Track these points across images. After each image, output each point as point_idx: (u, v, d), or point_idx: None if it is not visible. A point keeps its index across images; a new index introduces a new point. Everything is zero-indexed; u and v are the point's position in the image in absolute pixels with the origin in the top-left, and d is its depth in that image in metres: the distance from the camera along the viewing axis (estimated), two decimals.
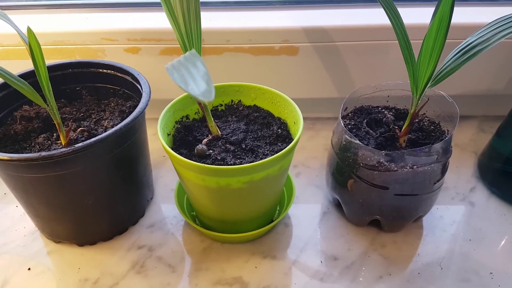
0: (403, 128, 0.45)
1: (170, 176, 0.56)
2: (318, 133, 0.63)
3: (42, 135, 0.45)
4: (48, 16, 0.60)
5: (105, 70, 0.50)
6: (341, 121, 0.45)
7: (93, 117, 0.48)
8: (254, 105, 0.49)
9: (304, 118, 0.43)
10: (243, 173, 0.39)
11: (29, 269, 0.46)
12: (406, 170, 0.42)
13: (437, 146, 0.42)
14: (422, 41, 0.39)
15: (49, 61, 0.49)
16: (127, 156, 0.45)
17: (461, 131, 0.62)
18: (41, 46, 0.38)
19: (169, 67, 0.30)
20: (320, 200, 0.53)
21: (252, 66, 0.57)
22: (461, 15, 0.54)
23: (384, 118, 0.48)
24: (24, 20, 0.58)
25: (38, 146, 0.45)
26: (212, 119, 0.44)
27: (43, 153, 0.38)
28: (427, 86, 0.42)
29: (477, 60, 0.57)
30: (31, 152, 0.44)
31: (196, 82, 0.27)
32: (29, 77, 0.47)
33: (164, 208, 0.52)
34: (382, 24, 0.54)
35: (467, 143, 0.61)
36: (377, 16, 0.55)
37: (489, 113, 0.65)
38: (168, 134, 0.45)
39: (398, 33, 0.41)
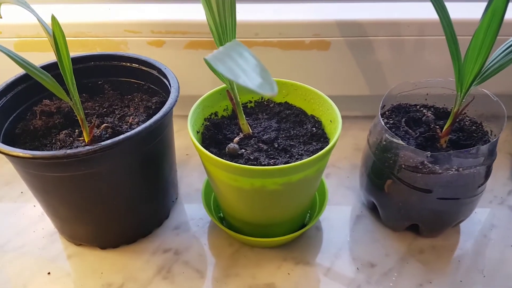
0: (445, 128, 0.43)
1: (194, 176, 0.54)
2: (347, 132, 0.60)
3: (63, 131, 0.43)
4: (68, 6, 0.57)
5: (129, 64, 0.48)
6: (381, 120, 0.42)
7: (116, 113, 0.46)
8: (286, 102, 0.47)
9: None
10: (281, 174, 0.37)
11: (49, 273, 0.43)
12: (451, 172, 0.39)
13: (485, 148, 0.40)
14: (467, 37, 0.37)
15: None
16: (155, 154, 0.43)
17: None
18: None
19: (211, 58, 0.27)
20: (351, 203, 0.50)
21: (281, 61, 0.55)
22: (510, 11, 0.52)
23: (424, 117, 0.45)
24: (43, 10, 0.55)
25: (59, 143, 0.42)
26: (244, 116, 0.42)
27: (69, 151, 0.35)
28: (473, 84, 0.40)
29: None
30: (52, 149, 0.42)
31: (248, 75, 0.25)
32: (49, 70, 0.44)
33: (189, 209, 0.50)
34: (419, 18, 0.51)
35: (502, 144, 0.58)
36: (413, 10, 0.53)
37: None
38: (197, 132, 0.43)
39: (446, 28, 0.39)
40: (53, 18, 0.35)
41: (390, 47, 0.54)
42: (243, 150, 0.41)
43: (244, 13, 0.53)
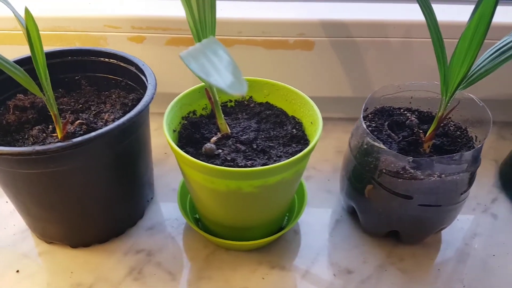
0: (428, 132, 0.42)
1: (172, 175, 0.52)
2: (329, 134, 0.59)
3: (36, 127, 0.42)
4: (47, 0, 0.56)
5: (107, 59, 0.46)
6: (363, 123, 0.41)
7: (92, 109, 0.45)
8: (267, 102, 0.46)
9: None
10: (257, 177, 0.36)
11: (17, 271, 0.42)
12: (433, 178, 0.38)
13: (469, 154, 0.39)
14: (453, 40, 0.36)
15: (47, 48, 0.46)
16: (129, 152, 0.41)
17: None
18: (40, 32, 0.34)
19: (185, 55, 0.26)
20: (332, 207, 0.49)
21: (264, 60, 0.53)
22: (497, 14, 0.51)
23: (408, 121, 0.44)
24: (22, 2, 0.54)
25: (32, 139, 0.41)
26: (222, 116, 0.41)
27: (37, 147, 0.34)
28: (459, 88, 0.39)
29: None
30: (24, 145, 0.41)
31: (220, 73, 0.24)
32: (25, 63, 0.43)
33: (165, 210, 0.49)
34: (405, 19, 0.50)
35: (487, 151, 0.57)
36: (399, 12, 0.52)
37: (510, 119, 0.61)
38: (174, 131, 0.41)
39: (432, 30, 0.38)
40: (27, 11, 0.34)
41: (376, 48, 0.53)
42: (220, 151, 0.40)
43: (227, 10, 0.52)
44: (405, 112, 0.46)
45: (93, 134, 0.35)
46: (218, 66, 0.24)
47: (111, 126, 0.36)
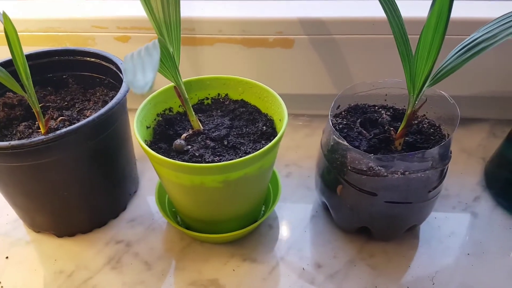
0: (399, 129, 0.42)
1: None
2: (315, 131, 0.59)
3: (23, 123, 0.45)
4: (40, 2, 0.58)
5: (91, 59, 0.49)
6: (330, 120, 0.42)
7: (76, 106, 0.47)
8: (242, 99, 0.47)
9: (300, 115, 0.41)
10: (218, 172, 0.37)
11: (7, 257, 0.45)
12: (397, 176, 0.38)
13: (433, 151, 0.38)
14: (417, 36, 0.36)
15: (40, 48, 0.48)
16: (106, 147, 0.43)
17: (469, 135, 0.58)
18: (33, 33, 0.37)
19: (128, 56, 0.29)
20: (310, 203, 0.50)
21: (245, 58, 0.54)
22: (467, 10, 0.50)
23: (380, 118, 0.44)
24: (16, 5, 0.56)
25: (19, 134, 0.44)
26: (193, 112, 0.42)
27: (13, 142, 0.37)
28: (426, 85, 0.39)
29: (490, 58, 0.53)
30: (11, 140, 0.43)
31: (145, 73, 0.25)
32: (12, 64, 0.46)
33: (148, 203, 0.51)
34: (383, 16, 0.50)
35: (475, 148, 0.56)
36: (377, 8, 0.51)
37: (503, 116, 0.60)
38: (148, 127, 0.43)
39: (394, 26, 0.38)
40: (4, 14, 0.37)
41: (356, 46, 0.52)
42: (189, 147, 0.41)
43: (208, 10, 0.53)
44: (380, 109, 0.46)
45: (64, 130, 0.38)
46: (145, 67, 0.25)
47: (82, 122, 0.38)
